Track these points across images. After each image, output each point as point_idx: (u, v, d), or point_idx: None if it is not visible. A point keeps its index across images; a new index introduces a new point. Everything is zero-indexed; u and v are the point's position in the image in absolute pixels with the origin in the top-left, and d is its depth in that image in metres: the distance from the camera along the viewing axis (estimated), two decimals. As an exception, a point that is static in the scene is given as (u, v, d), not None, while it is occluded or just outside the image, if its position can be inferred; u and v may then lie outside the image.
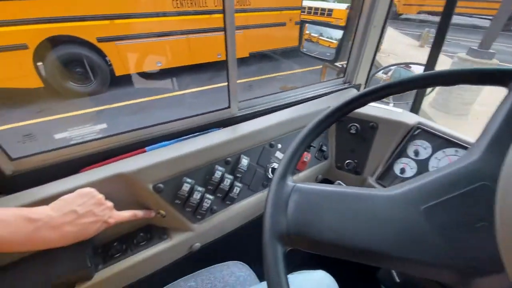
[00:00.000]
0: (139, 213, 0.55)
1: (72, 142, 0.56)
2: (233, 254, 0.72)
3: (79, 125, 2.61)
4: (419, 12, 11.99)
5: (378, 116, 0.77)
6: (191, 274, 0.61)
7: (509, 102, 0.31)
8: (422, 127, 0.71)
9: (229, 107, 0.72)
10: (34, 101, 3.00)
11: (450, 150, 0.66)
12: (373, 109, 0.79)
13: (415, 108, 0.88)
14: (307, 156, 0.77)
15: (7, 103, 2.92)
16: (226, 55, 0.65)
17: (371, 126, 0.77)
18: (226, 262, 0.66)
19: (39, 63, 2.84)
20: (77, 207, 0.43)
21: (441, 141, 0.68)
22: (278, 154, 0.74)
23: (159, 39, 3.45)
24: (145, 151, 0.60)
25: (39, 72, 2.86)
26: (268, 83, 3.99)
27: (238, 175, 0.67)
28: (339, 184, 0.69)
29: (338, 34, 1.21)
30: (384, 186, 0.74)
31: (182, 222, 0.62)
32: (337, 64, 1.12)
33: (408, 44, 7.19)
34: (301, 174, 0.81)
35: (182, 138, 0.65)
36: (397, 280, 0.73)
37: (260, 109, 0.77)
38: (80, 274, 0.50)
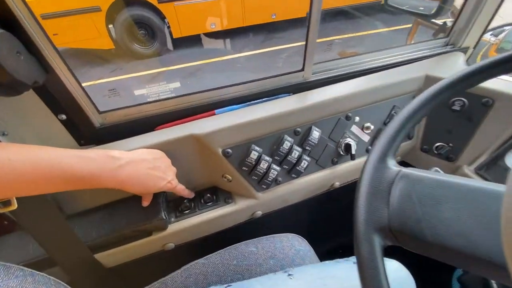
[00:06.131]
0: (187, 191, 0.58)
1: (148, 100, 0.57)
2: (292, 226, 0.70)
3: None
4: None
5: (497, 90, 0.58)
6: (251, 240, 0.62)
7: None
8: None
9: (302, 69, 0.63)
10: (107, 62, 3.35)
11: None
12: (489, 80, 0.60)
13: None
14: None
15: (87, 63, 3.32)
16: (310, 9, 0.55)
17: (484, 102, 0.60)
18: (286, 234, 0.64)
19: (110, 26, 3.08)
20: (151, 159, 0.45)
21: None
22: (355, 129, 0.65)
23: (214, -1, 3.35)
24: (214, 114, 0.58)
25: (110, 34, 3.12)
26: (345, 44, 3.61)
27: (307, 148, 0.61)
28: (437, 171, 0.57)
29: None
30: (488, 180, 0.60)
31: (247, 189, 0.61)
32: (435, 21, 0.89)
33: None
34: None
35: (251, 102, 0.60)
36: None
37: (337, 73, 0.66)
38: (156, 224, 0.54)
